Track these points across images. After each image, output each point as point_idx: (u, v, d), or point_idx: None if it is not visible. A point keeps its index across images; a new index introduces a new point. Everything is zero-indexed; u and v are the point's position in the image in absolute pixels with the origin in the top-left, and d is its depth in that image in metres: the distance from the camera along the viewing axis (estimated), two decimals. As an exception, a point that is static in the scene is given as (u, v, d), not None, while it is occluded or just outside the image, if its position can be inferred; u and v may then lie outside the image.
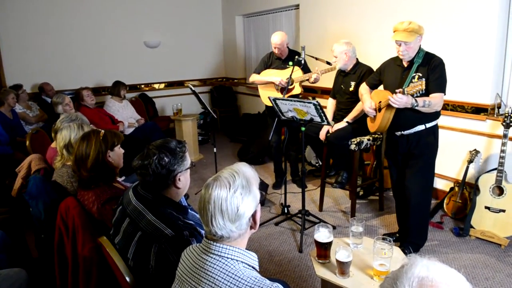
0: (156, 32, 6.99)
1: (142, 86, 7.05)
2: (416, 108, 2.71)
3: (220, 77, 7.90)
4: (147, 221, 1.61)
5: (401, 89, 2.68)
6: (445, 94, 2.81)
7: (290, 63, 4.21)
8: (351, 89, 3.77)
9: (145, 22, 6.87)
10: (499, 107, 3.65)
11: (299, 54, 4.12)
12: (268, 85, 4.32)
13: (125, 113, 5.53)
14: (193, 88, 4.43)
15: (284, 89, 4.11)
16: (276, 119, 3.60)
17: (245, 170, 1.34)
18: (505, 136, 3.21)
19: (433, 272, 0.81)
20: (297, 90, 4.20)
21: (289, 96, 4.15)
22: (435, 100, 2.76)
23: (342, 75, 3.87)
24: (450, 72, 2.92)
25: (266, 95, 4.20)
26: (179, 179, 1.73)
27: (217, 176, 1.32)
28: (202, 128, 6.93)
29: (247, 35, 7.27)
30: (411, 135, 2.94)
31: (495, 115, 3.63)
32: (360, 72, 3.73)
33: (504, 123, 3.24)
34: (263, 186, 4.21)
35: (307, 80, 4.10)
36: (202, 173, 5.23)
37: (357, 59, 3.84)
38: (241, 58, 7.46)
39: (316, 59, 4.19)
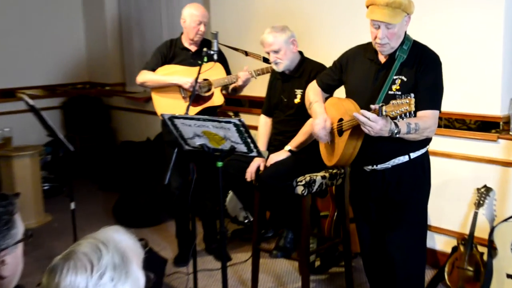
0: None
1: None
2: (398, 136, 2.80)
3: (80, 83, 7.88)
4: None
5: (376, 107, 2.72)
6: (440, 111, 2.95)
7: (206, 58, 4.26)
8: (296, 100, 3.88)
9: None
10: (516, 120, 3.88)
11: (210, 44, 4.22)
12: (169, 90, 4.38)
13: None
14: (31, 102, 4.29)
15: (199, 98, 4.24)
16: (176, 150, 3.60)
17: (118, 239, 1.35)
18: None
19: None
20: (219, 99, 4.35)
21: (204, 110, 4.25)
22: (426, 122, 2.85)
23: (280, 79, 4.00)
24: (444, 71, 3.04)
25: (165, 107, 4.24)
26: (2, 261, 1.67)
27: (71, 253, 1.31)
28: (50, 169, 6.83)
29: (125, 14, 7.25)
30: (388, 171, 3.02)
31: (511, 132, 3.83)
32: (309, 74, 3.85)
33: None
34: (156, 263, 4.10)
35: (232, 84, 4.28)
36: (50, 248, 5.09)
37: (301, 52, 3.97)
38: (116, 51, 7.44)
39: (246, 54, 4.29)
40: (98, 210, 6.09)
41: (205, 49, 3.98)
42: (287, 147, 3.82)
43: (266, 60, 4.22)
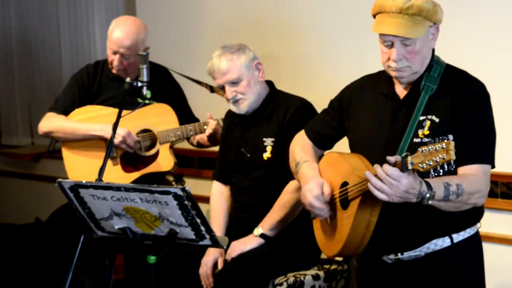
0: None
1: None
2: (430, 203, 2.40)
3: None
4: None
5: (397, 158, 2.37)
6: (493, 167, 2.58)
7: (148, 94, 3.67)
8: (266, 155, 3.50)
9: None
10: None
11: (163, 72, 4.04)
12: (90, 145, 3.95)
13: None
14: None
15: (136, 159, 3.89)
16: (82, 239, 2.99)
17: None
18: None
19: None
20: (167, 162, 3.92)
21: (144, 177, 3.83)
22: (472, 184, 2.50)
23: (240, 123, 3.64)
24: (498, 108, 2.65)
25: (83, 171, 3.89)
26: None
27: None
28: None
29: (3, 30, 6.68)
30: (420, 263, 2.66)
31: None
32: (283, 113, 3.47)
33: None
34: None
35: (197, 136, 3.92)
36: None
37: (270, 83, 3.59)
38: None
39: (212, 90, 3.99)
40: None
41: (128, 79, 3.27)
42: (258, 230, 3.36)
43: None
